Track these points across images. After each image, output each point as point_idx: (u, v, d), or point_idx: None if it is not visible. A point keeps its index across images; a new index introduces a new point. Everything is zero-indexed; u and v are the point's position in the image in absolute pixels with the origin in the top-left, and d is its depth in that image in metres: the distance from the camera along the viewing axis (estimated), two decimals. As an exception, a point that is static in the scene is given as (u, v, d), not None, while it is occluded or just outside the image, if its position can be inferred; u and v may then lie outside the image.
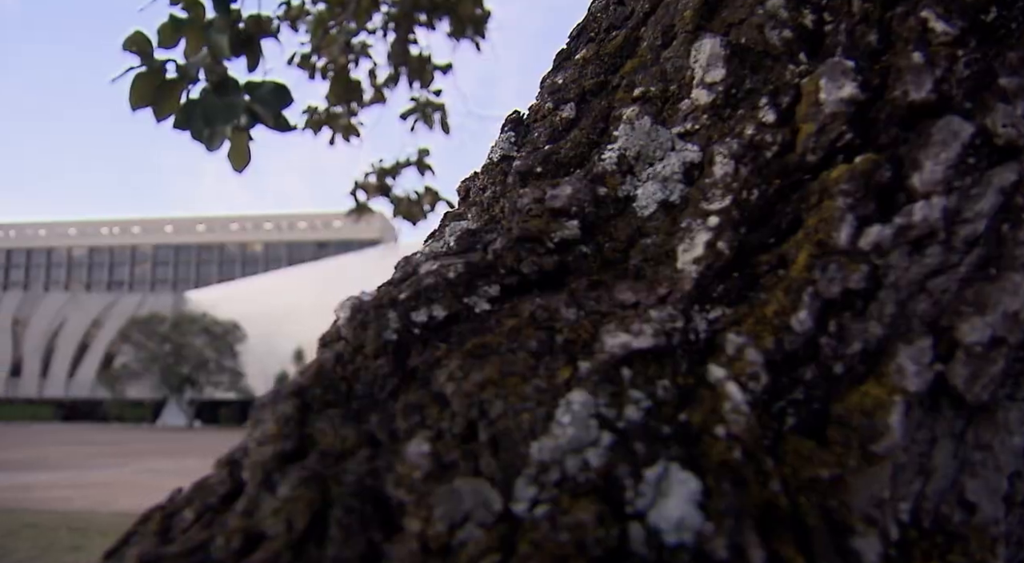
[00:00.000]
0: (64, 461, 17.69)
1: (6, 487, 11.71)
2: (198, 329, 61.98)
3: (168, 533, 0.34)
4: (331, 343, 0.41)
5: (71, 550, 6.35)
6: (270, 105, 2.47)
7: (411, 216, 5.19)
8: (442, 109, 5.26)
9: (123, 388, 62.53)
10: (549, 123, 0.51)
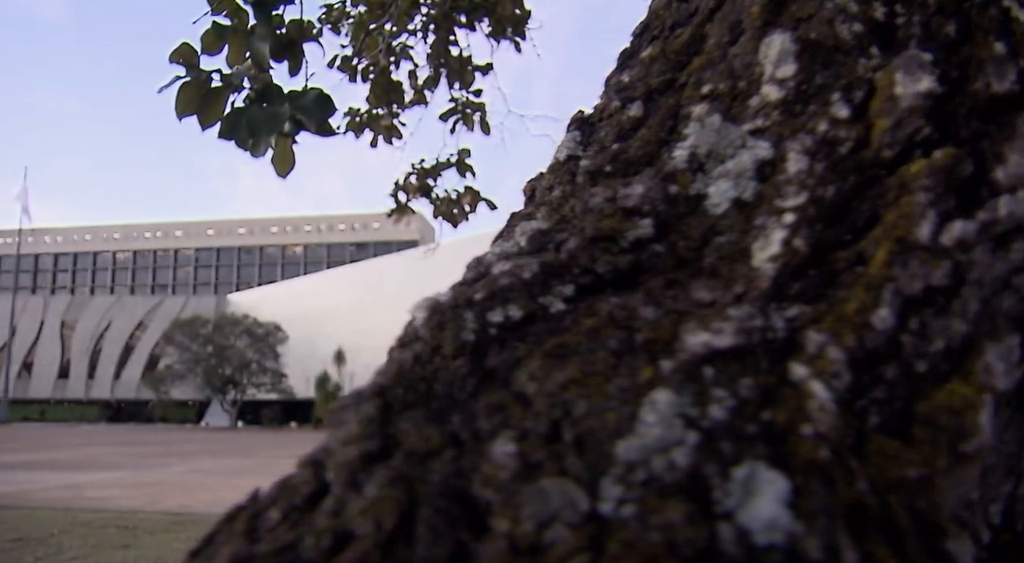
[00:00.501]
0: (112, 461, 17.95)
1: (58, 486, 11.91)
2: (240, 331, 62.70)
3: (255, 533, 0.35)
4: (409, 344, 0.41)
5: (120, 548, 6.45)
6: (313, 114, 2.49)
7: (451, 217, 5.19)
8: (482, 109, 5.26)
9: (167, 389, 63.42)
10: (616, 122, 0.51)
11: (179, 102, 2.37)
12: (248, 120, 2.41)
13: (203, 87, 2.42)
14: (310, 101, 2.51)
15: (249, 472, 14.98)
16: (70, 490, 11.36)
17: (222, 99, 2.44)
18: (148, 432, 44.76)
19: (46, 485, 12.08)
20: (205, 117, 2.41)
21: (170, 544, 6.61)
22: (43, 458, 19.11)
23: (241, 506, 0.38)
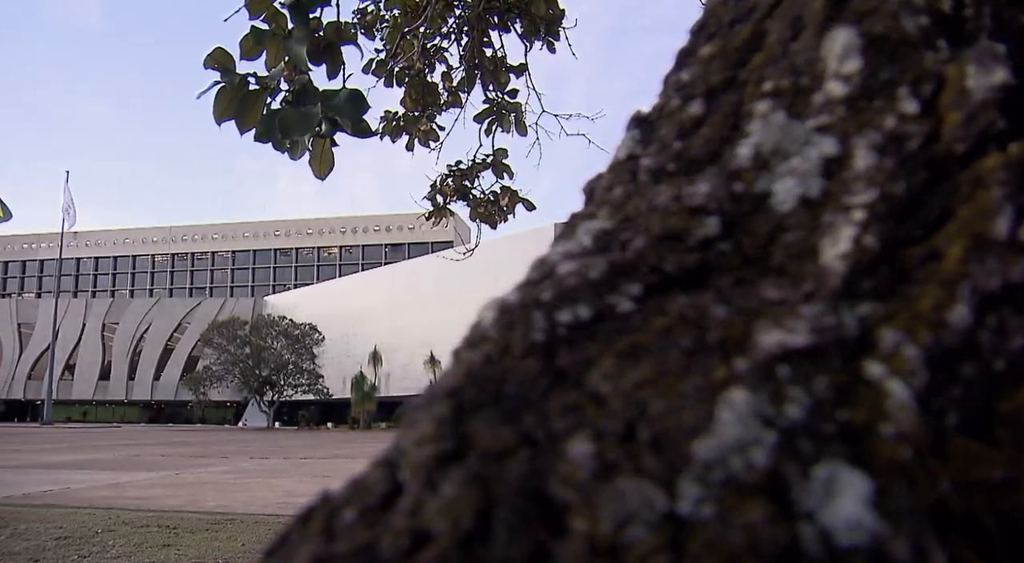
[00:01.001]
0: (153, 462, 18.20)
1: (101, 486, 12.10)
2: (277, 332, 63.32)
3: (331, 533, 0.35)
4: (477, 344, 0.41)
5: (162, 547, 6.54)
6: (346, 112, 2.50)
7: (490, 218, 5.20)
8: (518, 110, 5.25)
9: (206, 390, 64.09)
10: (677, 120, 0.50)
11: (217, 107, 2.40)
12: (281, 121, 2.43)
13: (240, 91, 2.43)
14: (342, 100, 2.52)
15: (287, 472, 15.12)
16: (113, 489, 11.54)
17: (259, 102, 2.46)
18: (187, 433, 45.33)
19: (89, 484, 12.27)
20: (243, 121, 2.43)
21: (210, 543, 6.69)
22: (86, 458, 19.42)
23: (313, 507, 0.39)
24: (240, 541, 6.84)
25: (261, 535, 7.14)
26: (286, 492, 11.32)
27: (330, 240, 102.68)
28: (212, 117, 2.43)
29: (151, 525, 7.70)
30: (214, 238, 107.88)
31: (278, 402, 65.63)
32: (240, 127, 2.42)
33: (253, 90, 2.44)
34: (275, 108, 2.45)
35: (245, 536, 7.10)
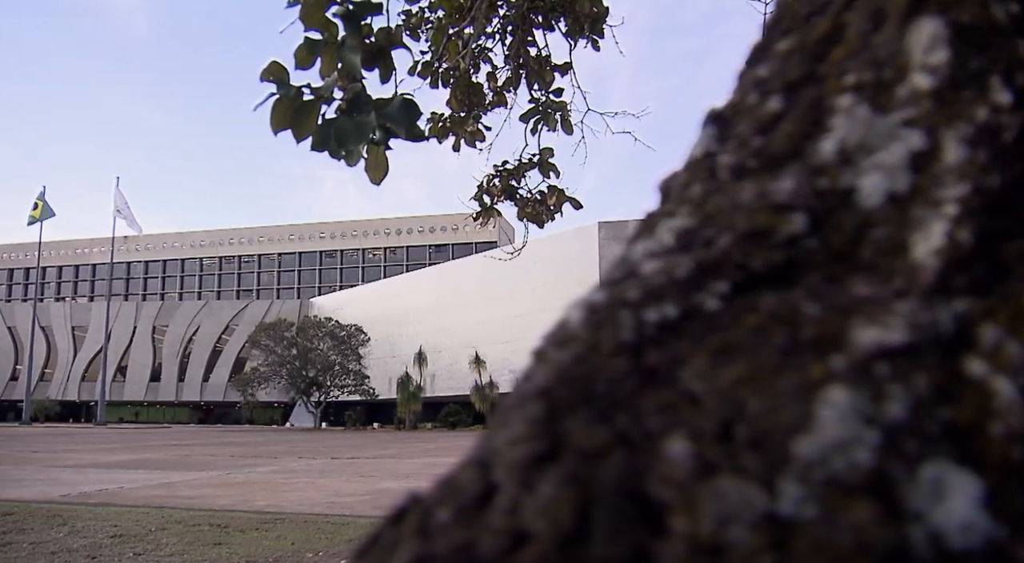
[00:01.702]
0: (204, 461, 18.46)
1: (153, 485, 12.31)
2: (323, 333, 63.92)
3: (427, 533, 0.35)
4: (565, 344, 0.41)
5: (213, 545, 6.63)
6: (400, 120, 2.52)
7: (537, 218, 5.19)
8: (563, 109, 5.24)
9: (254, 391, 64.86)
10: (755, 117, 0.50)
11: (273, 117, 2.43)
12: (337, 131, 2.45)
13: (295, 102, 2.46)
14: (396, 108, 2.54)
15: (334, 472, 15.25)
16: (165, 489, 11.73)
17: (315, 112, 2.49)
18: (236, 433, 45.94)
19: (143, 484, 12.49)
20: (299, 130, 2.46)
21: (260, 542, 6.77)
22: (139, 458, 19.77)
23: (403, 507, 0.39)
24: (289, 540, 6.91)
25: (310, 534, 7.20)
26: (334, 492, 11.42)
27: (375, 241, 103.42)
28: (262, 124, 2.47)
29: (202, 524, 7.81)
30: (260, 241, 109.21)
31: (325, 403, 66.22)
32: (296, 136, 2.45)
33: (308, 100, 2.46)
34: (330, 117, 2.47)
35: (294, 535, 7.17)
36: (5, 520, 7.98)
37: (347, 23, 2.77)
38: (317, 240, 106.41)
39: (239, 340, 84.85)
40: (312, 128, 2.49)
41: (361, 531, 7.30)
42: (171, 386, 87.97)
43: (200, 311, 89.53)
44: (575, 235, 53.78)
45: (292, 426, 71.45)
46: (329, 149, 2.51)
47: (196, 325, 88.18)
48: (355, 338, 64.36)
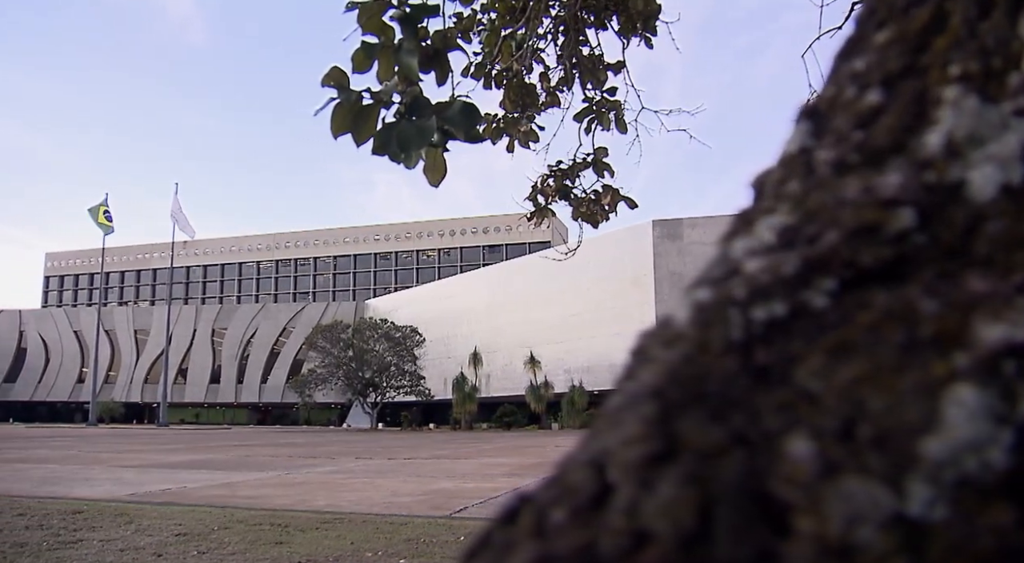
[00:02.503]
0: (263, 462, 18.73)
1: (215, 485, 12.52)
2: (379, 335, 64.42)
3: (544, 534, 0.35)
4: (672, 343, 0.40)
5: (274, 545, 6.72)
6: (460, 125, 2.54)
7: (591, 217, 5.17)
8: (617, 108, 5.22)
9: (311, 393, 65.54)
10: (854, 110, 0.49)
11: (334, 122, 2.46)
12: (399, 135, 2.47)
13: (355, 106, 2.49)
14: (456, 112, 2.56)
15: (391, 472, 15.36)
16: (226, 489, 11.92)
17: (374, 115, 2.51)
18: (294, 434, 46.53)
19: (205, 484, 12.71)
20: (359, 134, 2.48)
21: (320, 542, 6.84)
22: (200, 458, 20.13)
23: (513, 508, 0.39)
24: (349, 539, 6.98)
25: (369, 534, 7.26)
26: (391, 492, 11.51)
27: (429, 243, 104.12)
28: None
29: (263, 523, 7.92)
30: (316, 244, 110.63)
31: (381, 403, 66.75)
32: (356, 140, 2.47)
33: (367, 105, 2.49)
34: (390, 121, 2.49)
35: (354, 535, 7.24)
36: (76, 518, 8.19)
37: (404, 26, 2.80)
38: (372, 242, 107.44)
39: (296, 342, 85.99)
40: (372, 131, 2.51)
41: (419, 531, 7.35)
42: (230, 388, 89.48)
43: (258, 314, 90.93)
44: (628, 234, 53.49)
45: (349, 427, 72.16)
46: (390, 152, 2.53)
47: (254, 328, 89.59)
48: (410, 339, 64.78)
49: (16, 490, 11.43)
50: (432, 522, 8.10)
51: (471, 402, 60.16)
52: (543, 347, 60.04)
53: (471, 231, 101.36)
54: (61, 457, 20.63)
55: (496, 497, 10.67)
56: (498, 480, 13.62)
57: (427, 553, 6.31)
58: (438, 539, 6.93)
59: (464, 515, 8.83)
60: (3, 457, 20.37)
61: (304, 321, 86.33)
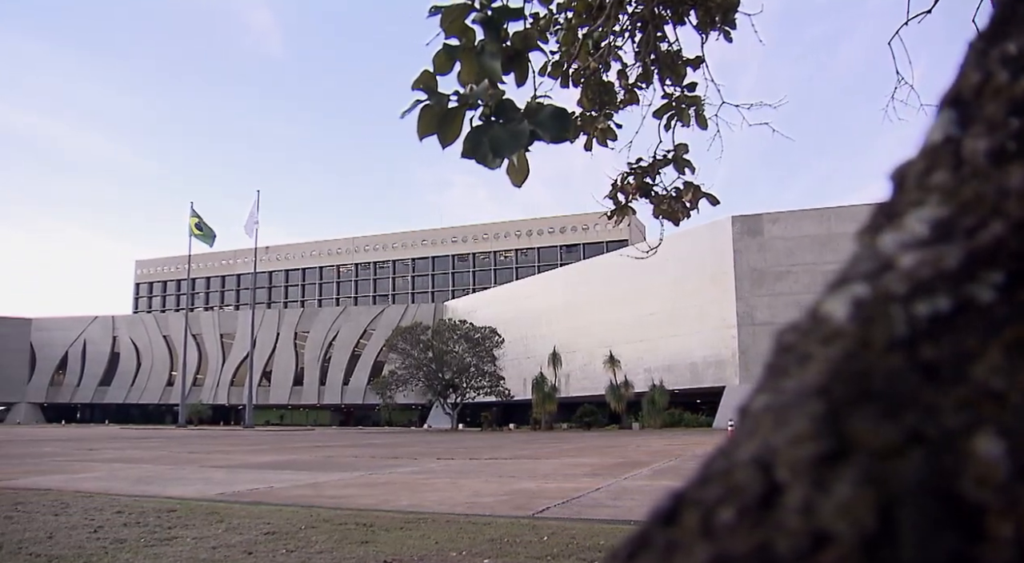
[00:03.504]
0: (347, 463, 19.03)
1: (301, 485, 12.76)
2: (458, 336, 64.88)
3: (711, 533, 0.34)
4: (831, 340, 0.39)
5: (360, 544, 6.82)
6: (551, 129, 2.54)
7: (672, 215, 5.12)
8: (697, 103, 5.16)
9: (392, 394, 66.32)
10: (1007, 97, 0.47)
11: (420, 124, 2.48)
12: (491, 140, 2.48)
13: (443, 109, 2.51)
14: (547, 117, 2.56)
15: (473, 473, 15.45)
16: (311, 489, 12.14)
17: (460, 118, 2.53)
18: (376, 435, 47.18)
19: (291, 484, 12.97)
20: (445, 137, 2.50)
21: (405, 541, 6.92)
22: (285, 459, 20.55)
23: (671, 508, 0.38)
24: (433, 539, 7.04)
25: (452, 533, 7.32)
26: (474, 492, 11.57)
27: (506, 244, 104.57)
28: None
29: (349, 523, 8.04)
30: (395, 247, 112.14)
31: (461, 404, 67.20)
32: (442, 142, 2.50)
33: (453, 108, 2.51)
34: (478, 124, 2.51)
35: (438, 534, 7.30)
36: (170, 516, 8.45)
37: (486, 29, 2.81)
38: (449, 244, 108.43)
39: (376, 344, 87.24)
40: (457, 134, 2.53)
41: (503, 531, 7.37)
42: (313, 390, 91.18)
43: (339, 317, 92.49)
44: (707, 231, 52.85)
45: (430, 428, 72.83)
46: (480, 156, 2.54)
47: (335, 330, 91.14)
48: (489, 340, 65.08)
49: (114, 489, 11.84)
50: (515, 522, 8.12)
51: (551, 402, 60.14)
52: (622, 346, 59.73)
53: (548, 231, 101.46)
54: (154, 457, 21.30)
55: (578, 497, 10.65)
56: (580, 480, 13.59)
57: (511, 553, 6.33)
58: (521, 539, 6.95)
59: (547, 515, 8.83)
60: (102, 457, 21.11)
61: (384, 323, 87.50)
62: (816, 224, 51.84)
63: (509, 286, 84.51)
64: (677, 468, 16.53)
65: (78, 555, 6.25)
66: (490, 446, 30.03)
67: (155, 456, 21.98)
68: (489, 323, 67.85)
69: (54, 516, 8.49)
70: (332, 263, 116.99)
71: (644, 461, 18.77)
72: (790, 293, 51.09)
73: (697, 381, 55.58)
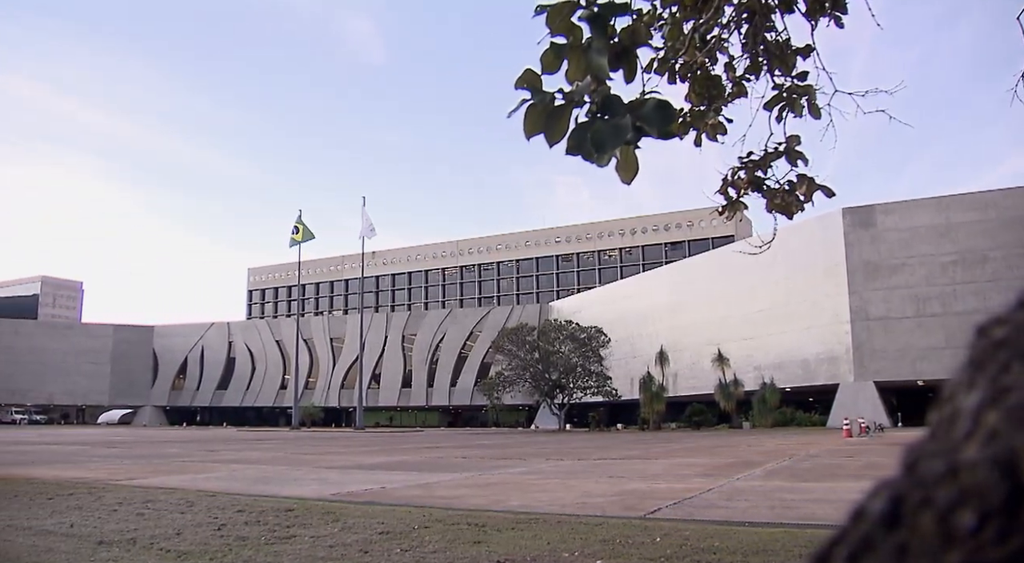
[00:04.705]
0: (456, 463, 19.23)
1: (412, 485, 12.95)
2: (564, 336, 64.88)
3: (955, 539, 0.31)
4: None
5: (473, 544, 6.86)
6: (655, 123, 2.50)
7: (786, 209, 4.99)
8: (810, 93, 5.01)
9: (499, 395, 66.74)
10: None
11: (527, 123, 2.47)
12: (594, 134, 2.46)
13: (548, 107, 2.50)
14: (650, 110, 2.52)
15: (582, 473, 15.40)
16: (423, 489, 12.30)
17: (566, 116, 2.51)
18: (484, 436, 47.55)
19: (403, 484, 13.17)
20: (551, 135, 2.48)
21: (517, 542, 6.92)
22: (396, 460, 20.90)
23: (892, 510, 0.35)
24: (545, 539, 7.03)
25: (564, 534, 7.29)
26: (584, 493, 11.53)
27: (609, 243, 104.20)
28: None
29: (461, 523, 8.10)
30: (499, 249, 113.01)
31: (568, 404, 67.14)
32: (549, 140, 2.48)
33: (559, 105, 2.49)
34: (582, 121, 2.49)
35: (549, 535, 7.28)
36: (288, 515, 8.68)
37: (593, 26, 2.78)
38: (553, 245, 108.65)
39: (483, 345, 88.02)
40: (564, 132, 2.51)
41: (614, 532, 7.32)
42: (421, 391, 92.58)
43: (445, 319, 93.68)
44: (817, 224, 51.44)
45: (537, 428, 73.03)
46: (584, 152, 2.51)
47: (442, 333, 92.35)
48: (595, 339, 64.86)
49: (235, 488, 12.25)
50: (627, 523, 8.05)
51: (659, 402, 59.57)
52: (730, 344, 58.73)
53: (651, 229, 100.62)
54: (270, 458, 21.96)
55: (690, 498, 10.50)
56: (691, 481, 13.41)
57: (624, 554, 6.27)
58: (634, 540, 6.88)
59: (658, 516, 8.73)
60: (221, 458, 21.89)
61: (490, 325, 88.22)
62: (933, 214, 49.88)
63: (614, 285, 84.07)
64: (791, 468, 16.15)
65: (204, 551, 6.48)
66: (598, 446, 29.91)
67: (271, 457, 22.66)
68: (595, 323, 67.62)
69: (180, 514, 8.85)
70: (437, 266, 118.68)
71: (757, 461, 18.40)
72: (907, 286, 49.33)
73: (809, 378, 54.18)
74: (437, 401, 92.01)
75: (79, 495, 10.96)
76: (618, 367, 67.01)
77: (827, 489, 11.35)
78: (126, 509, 9.30)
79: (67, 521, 8.28)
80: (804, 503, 9.69)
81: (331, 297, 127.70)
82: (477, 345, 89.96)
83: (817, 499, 10.11)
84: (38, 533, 7.52)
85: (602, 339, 65.44)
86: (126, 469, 17.30)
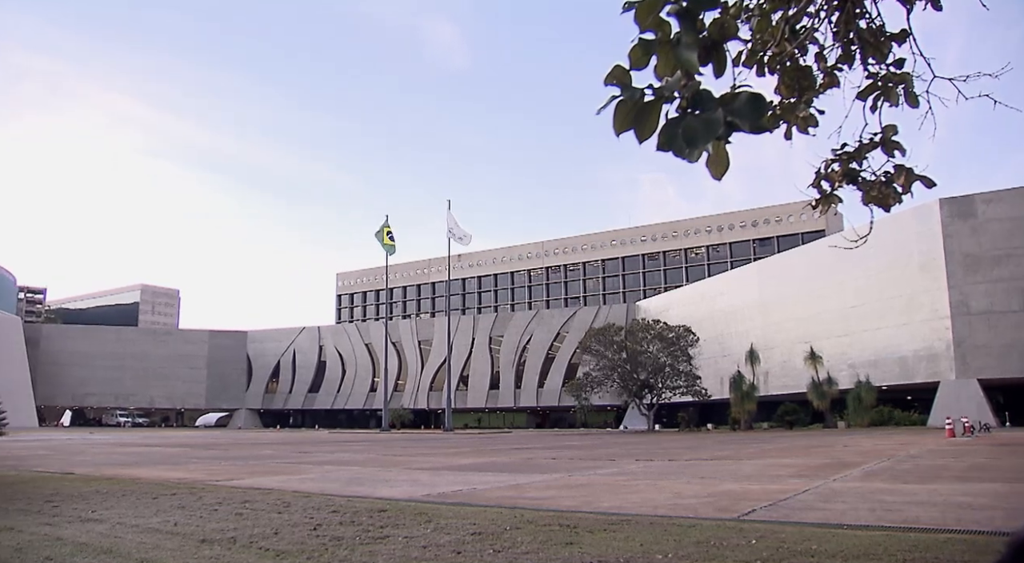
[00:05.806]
0: (546, 464, 19.20)
1: (502, 486, 12.96)
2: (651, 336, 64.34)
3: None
4: None
5: (565, 545, 6.81)
6: (747, 116, 2.45)
7: (883, 201, 4.83)
8: (907, 81, 4.83)
9: (587, 396, 66.58)
10: None
11: (617, 119, 2.44)
12: (685, 129, 2.42)
13: (638, 103, 2.46)
14: (743, 103, 2.47)
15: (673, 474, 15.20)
16: (513, 490, 12.29)
17: (657, 112, 2.47)
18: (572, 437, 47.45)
19: (493, 485, 13.20)
20: (642, 131, 2.45)
21: (609, 543, 6.85)
22: (486, 461, 20.98)
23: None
24: (638, 541, 6.94)
25: (657, 536, 7.19)
26: (675, 494, 11.38)
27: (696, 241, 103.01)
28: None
29: (552, 524, 8.06)
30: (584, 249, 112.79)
31: (657, 404, 66.53)
32: (639, 137, 2.45)
33: (649, 101, 2.46)
34: (673, 116, 2.45)
35: (642, 536, 7.19)
36: (381, 515, 8.78)
37: (682, 20, 2.73)
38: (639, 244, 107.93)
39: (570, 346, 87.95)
40: (654, 128, 2.47)
41: (708, 534, 7.19)
42: (509, 393, 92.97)
43: (531, 320, 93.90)
44: (912, 216, 49.84)
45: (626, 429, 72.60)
46: (676, 148, 2.47)
47: (529, 334, 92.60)
48: (684, 339, 64.12)
49: (329, 490, 12.46)
50: (720, 525, 7.90)
51: (750, 401, 58.59)
52: (823, 341, 57.39)
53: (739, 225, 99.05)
54: (362, 460, 22.29)
55: (785, 500, 10.27)
56: (786, 482, 13.12)
57: (718, 557, 6.15)
58: (728, 542, 6.74)
59: (753, 518, 8.55)
60: (315, 460, 22.31)
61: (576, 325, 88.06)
62: (1038, 202, 47.88)
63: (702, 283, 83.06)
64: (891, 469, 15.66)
65: (301, 550, 6.60)
66: (688, 447, 29.54)
67: (363, 459, 23.00)
68: (682, 322, 66.89)
69: (277, 514, 9.05)
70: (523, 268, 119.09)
71: (854, 462, 17.90)
72: (1011, 279, 47.45)
73: (907, 376, 52.52)
74: (525, 402, 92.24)
75: (181, 495, 11.32)
76: (707, 366, 66.13)
77: (931, 491, 10.93)
78: (225, 509, 9.56)
79: (171, 520, 8.56)
80: (906, 506, 9.35)
81: (418, 300, 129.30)
82: (564, 346, 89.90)
83: (921, 502, 9.75)
84: (145, 531, 7.79)
85: (691, 338, 64.65)
86: (224, 470, 17.80)
